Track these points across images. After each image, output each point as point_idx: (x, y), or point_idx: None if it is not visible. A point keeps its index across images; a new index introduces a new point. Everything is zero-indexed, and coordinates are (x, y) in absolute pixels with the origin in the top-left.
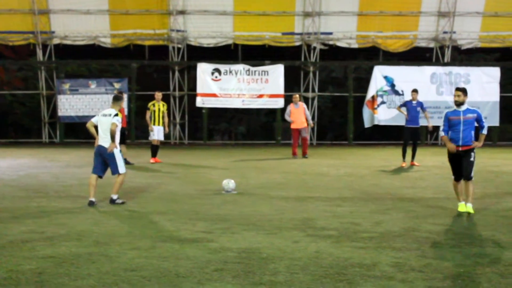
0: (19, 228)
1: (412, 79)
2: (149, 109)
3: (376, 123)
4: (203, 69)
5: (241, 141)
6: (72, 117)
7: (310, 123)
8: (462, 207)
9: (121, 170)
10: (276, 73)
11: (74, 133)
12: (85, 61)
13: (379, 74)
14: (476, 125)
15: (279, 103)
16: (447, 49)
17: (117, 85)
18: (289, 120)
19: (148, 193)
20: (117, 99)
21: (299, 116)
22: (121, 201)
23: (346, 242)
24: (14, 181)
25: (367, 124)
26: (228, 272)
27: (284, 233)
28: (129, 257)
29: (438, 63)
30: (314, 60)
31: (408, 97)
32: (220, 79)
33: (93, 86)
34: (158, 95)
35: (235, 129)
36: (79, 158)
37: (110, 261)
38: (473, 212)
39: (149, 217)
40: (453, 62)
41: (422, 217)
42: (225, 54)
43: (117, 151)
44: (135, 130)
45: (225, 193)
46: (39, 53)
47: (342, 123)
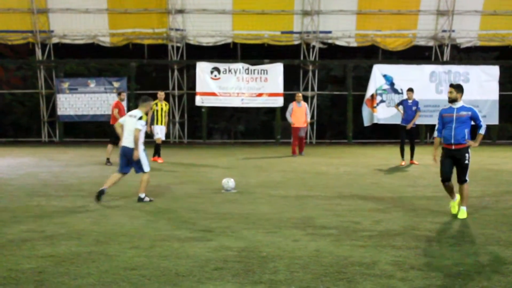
0: (19, 227)
1: (411, 77)
2: (151, 108)
3: (375, 121)
4: (202, 68)
5: (240, 140)
6: (71, 116)
7: (307, 121)
8: (455, 207)
9: (146, 168)
10: (275, 72)
11: (74, 132)
12: (84, 60)
13: (378, 72)
14: (473, 123)
15: (279, 102)
16: (446, 47)
17: (116, 84)
18: (289, 119)
19: (147, 192)
20: (144, 100)
21: (301, 115)
22: (148, 199)
23: (346, 240)
24: (13, 180)
25: (366, 123)
26: (228, 271)
27: (284, 231)
28: (129, 256)
29: (437, 61)
30: (313, 59)
31: (407, 96)
32: (219, 78)
33: (92, 85)
34: (161, 94)
35: (234, 128)
36: (78, 157)
37: (110, 260)
38: (466, 217)
39: (148, 216)
40: (452, 61)
41: (421, 215)
42: (224, 53)
43: (141, 150)
44: None
45: (224, 192)
46: (38, 52)
47: (341, 122)
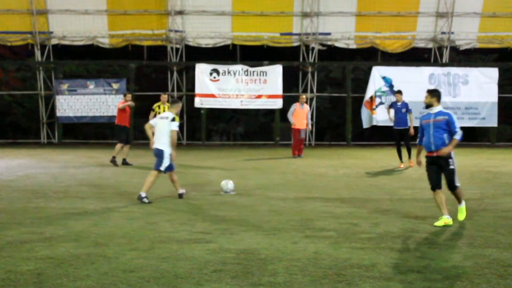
0: (17, 228)
1: (410, 79)
2: (153, 110)
3: (374, 123)
4: (202, 69)
5: (239, 141)
6: (70, 118)
7: (309, 125)
8: (444, 220)
9: (161, 168)
10: (275, 73)
11: (73, 133)
12: (83, 62)
13: (378, 74)
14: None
15: (278, 104)
16: (445, 49)
17: (115, 86)
18: (290, 120)
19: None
20: (174, 102)
21: (302, 117)
22: (147, 200)
23: (345, 243)
24: (12, 181)
25: (365, 125)
26: (227, 273)
27: (283, 234)
28: (127, 258)
29: (437, 63)
30: (312, 61)
31: (406, 98)
32: (218, 80)
33: (91, 86)
34: (164, 97)
35: (233, 130)
36: (77, 158)
37: (109, 262)
38: (465, 216)
39: (147, 218)
40: (451, 63)
41: (420, 218)
42: (223, 54)
43: (167, 152)
44: (133, 130)
45: (223, 193)
46: (37, 53)
47: (340, 124)
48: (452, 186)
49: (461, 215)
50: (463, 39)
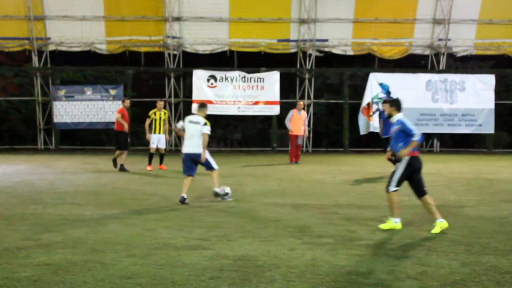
0: (14, 235)
1: (407, 86)
2: (149, 117)
3: (371, 130)
4: (199, 76)
5: (236, 148)
6: (67, 124)
7: (306, 131)
8: (439, 225)
9: (215, 166)
10: (272, 80)
11: (70, 139)
12: (80, 68)
13: (375, 81)
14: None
15: (275, 110)
16: (442, 56)
17: (112, 92)
18: (288, 126)
19: (143, 200)
20: (202, 106)
21: (300, 123)
22: (224, 192)
23: (342, 249)
24: (9, 188)
25: (362, 131)
26: (224, 279)
27: (280, 240)
28: (124, 264)
29: (434, 70)
30: (309, 67)
31: (403, 105)
32: (215, 86)
33: (88, 92)
34: (160, 103)
35: (230, 136)
36: (74, 164)
37: (106, 268)
38: (385, 228)
39: (144, 224)
40: (448, 69)
41: (417, 224)
42: (220, 61)
43: (203, 152)
44: (130, 136)
45: (221, 200)
46: (35, 59)
47: (337, 130)
48: (386, 188)
49: (385, 225)
50: (460, 46)
